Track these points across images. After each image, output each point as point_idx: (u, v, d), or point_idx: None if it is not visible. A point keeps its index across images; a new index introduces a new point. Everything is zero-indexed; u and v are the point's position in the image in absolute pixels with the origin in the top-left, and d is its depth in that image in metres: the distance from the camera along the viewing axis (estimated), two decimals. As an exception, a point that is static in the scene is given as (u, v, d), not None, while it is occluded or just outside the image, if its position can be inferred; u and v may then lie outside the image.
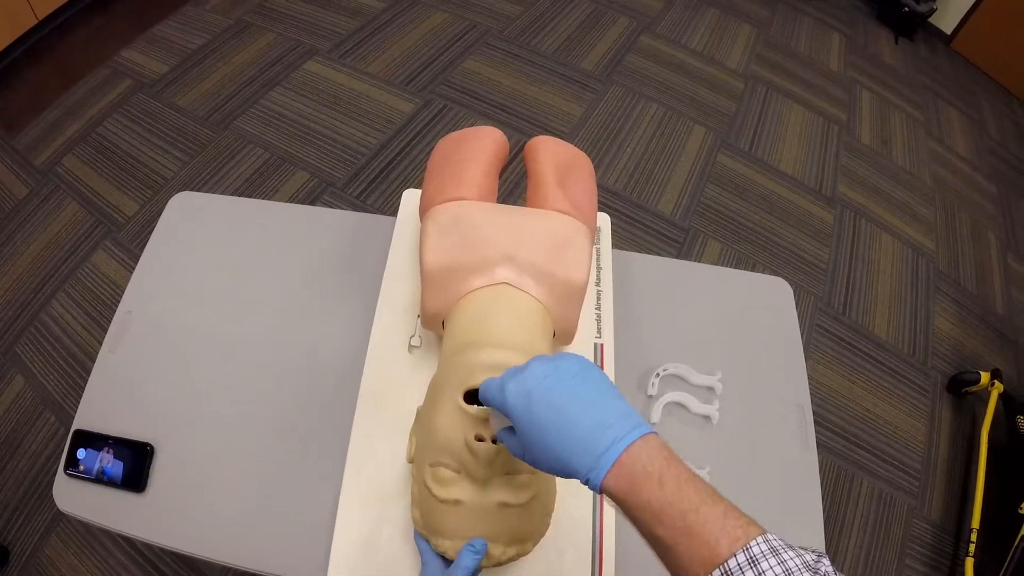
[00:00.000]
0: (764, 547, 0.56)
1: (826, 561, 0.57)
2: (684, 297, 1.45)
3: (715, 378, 1.30)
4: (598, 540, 1.08)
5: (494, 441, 0.81)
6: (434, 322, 1.10)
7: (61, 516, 1.93)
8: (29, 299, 2.36)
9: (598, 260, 1.39)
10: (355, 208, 2.63)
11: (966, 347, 2.85)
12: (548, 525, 0.94)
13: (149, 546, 1.91)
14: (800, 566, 0.55)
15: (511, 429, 0.72)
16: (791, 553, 0.56)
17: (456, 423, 0.84)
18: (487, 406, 0.76)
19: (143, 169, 2.70)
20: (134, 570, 1.92)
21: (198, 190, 2.60)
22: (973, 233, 3.29)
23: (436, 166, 1.20)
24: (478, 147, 1.20)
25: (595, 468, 0.62)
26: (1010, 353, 2.92)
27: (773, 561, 0.55)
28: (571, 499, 1.09)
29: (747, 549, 0.56)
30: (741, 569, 0.55)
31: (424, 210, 1.12)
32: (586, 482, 0.64)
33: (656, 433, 0.65)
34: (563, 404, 0.66)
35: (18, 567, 1.91)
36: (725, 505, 0.60)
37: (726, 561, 0.56)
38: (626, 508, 0.63)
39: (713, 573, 0.56)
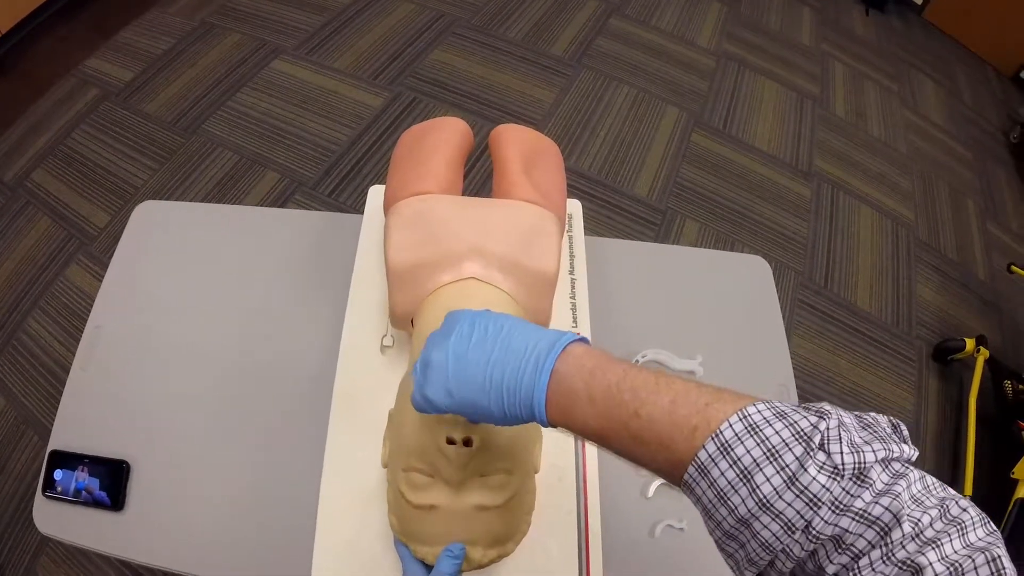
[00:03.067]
0: (739, 427, 0.50)
1: (830, 420, 0.49)
2: (661, 281, 1.44)
3: (696, 362, 1.29)
4: (583, 532, 1.06)
5: (466, 443, 0.79)
6: (403, 321, 1.07)
7: (49, 538, 1.91)
8: (5, 318, 2.33)
9: (571, 248, 1.36)
10: (327, 207, 2.61)
11: (950, 315, 2.85)
12: (529, 524, 0.92)
13: (141, 565, 1.89)
14: (792, 437, 0.49)
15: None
16: (777, 426, 0.49)
17: (426, 426, 0.82)
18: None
19: (113, 179, 2.66)
20: (125, 587, 1.91)
21: (168, 197, 2.57)
22: (952, 201, 3.30)
23: (399, 160, 1.17)
24: (441, 139, 1.18)
25: (532, 407, 0.60)
26: (994, 318, 2.93)
27: (751, 443, 0.49)
28: (553, 492, 1.07)
29: (716, 435, 0.50)
30: (714, 460, 0.50)
31: (388, 206, 1.09)
32: (538, 420, 0.62)
33: (583, 340, 0.63)
34: (487, 356, 0.63)
35: None
36: (672, 394, 0.55)
37: (696, 455, 0.51)
38: (574, 432, 0.61)
39: (689, 470, 0.52)
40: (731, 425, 0.50)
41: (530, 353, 0.61)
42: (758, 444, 0.49)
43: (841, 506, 0.46)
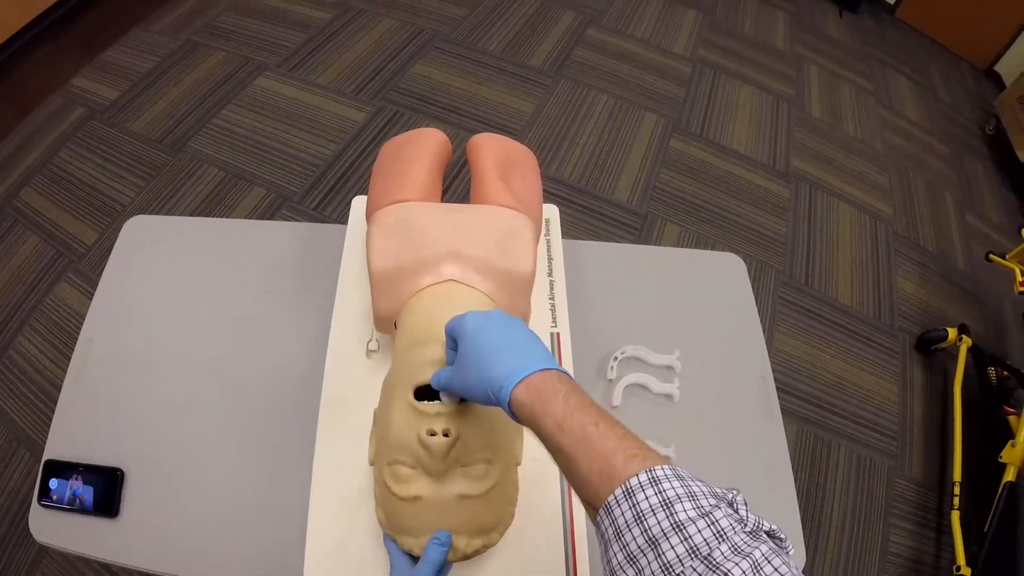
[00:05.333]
0: (669, 472, 0.57)
1: (738, 494, 0.58)
2: (638, 280, 1.46)
3: (674, 356, 1.31)
4: (568, 523, 1.08)
5: (446, 435, 0.81)
6: (386, 324, 1.10)
7: (45, 551, 1.91)
8: (-5, 338, 2.34)
9: (548, 251, 1.39)
10: (313, 220, 2.62)
11: (931, 305, 2.89)
12: (512, 515, 0.94)
13: (133, 572, 1.89)
14: (706, 492, 0.56)
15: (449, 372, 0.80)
16: (699, 483, 0.57)
17: (408, 420, 0.84)
18: (449, 335, 0.82)
19: (100, 197, 2.67)
20: (122, 597, 1.91)
21: (155, 214, 2.57)
22: (929, 194, 3.34)
23: (380, 170, 1.20)
24: (420, 149, 1.21)
25: (510, 378, 0.69)
26: (975, 307, 2.97)
27: (676, 484, 0.56)
28: (538, 484, 1.09)
29: (651, 471, 0.57)
30: (642, 487, 0.56)
31: (370, 213, 1.12)
32: (498, 392, 0.70)
33: (564, 372, 0.71)
34: (498, 344, 0.74)
35: None
36: (625, 431, 0.63)
37: (628, 480, 0.57)
38: (532, 419, 0.67)
39: (616, 492, 0.57)
40: (663, 468, 0.57)
41: (535, 351, 0.73)
42: (682, 486, 0.55)
43: (740, 551, 0.51)
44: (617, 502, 0.57)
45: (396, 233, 1.06)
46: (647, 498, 0.55)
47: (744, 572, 0.49)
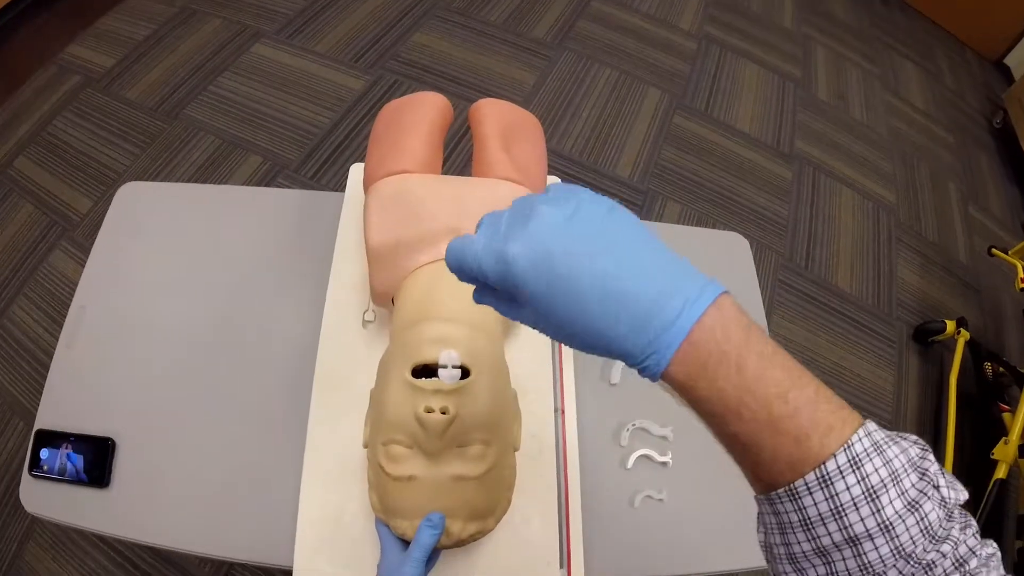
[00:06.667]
0: (867, 443, 0.46)
1: (930, 456, 0.48)
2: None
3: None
4: (563, 503, 1.07)
5: (444, 413, 0.79)
6: (384, 300, 1.08)
7: (37, 522, 1.90)
8: (-11, 306, 2.31)
9: (549, 223, 1.35)
10: (310, 189, 2.57)
11: (931, 297, 2.87)
12: (509, 501, 0.92)
13: (126, 545, 1.89)
14: (906, 465, 0.46)
15: (496, 294, 0.56)
16: (895, 449, 0.46)
17: (405, 397, 0.82)
18: (465, 280, 0.56)
19: (95, 165, 2.63)
20: (114, 570, 1.90)
21: (151, 181, 2.53)
22: (933, 184, 3.31)
23: (378, 136, 1.16)
24: (419, 115, 1.17)
25: (656, 350, 0.47)
26: (974, 301, 2.95)
27: (878, 462, 0.45)
28: (534, 463, 1.07)
29: (848, 447, 0.45)
30: (842, 473, 0.45)
31: (367, 184, 1.09)
32: (641, 369, 0.49)
33: (728, 292, 0.50)
34: (605, 263, 0.48)
35: None
36: (816, 386, 0.48)
37: (824, 464, 0.45)
38: (693, 398, 0.49)
39: (807, 477, 0.46)
40: (860, 439, 0.46)
41: (674, 282, 0.48)
42: (883, 463, 0.46)
43: (938, 536, 0.46)
44: (809, 490, 0.46)
45: (394, 207, 1.03)
46: (848, 488, 0.45)
47: (944, 555, 0.45)
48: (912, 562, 0.45)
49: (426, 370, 0.84)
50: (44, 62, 2.95)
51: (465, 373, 0.84)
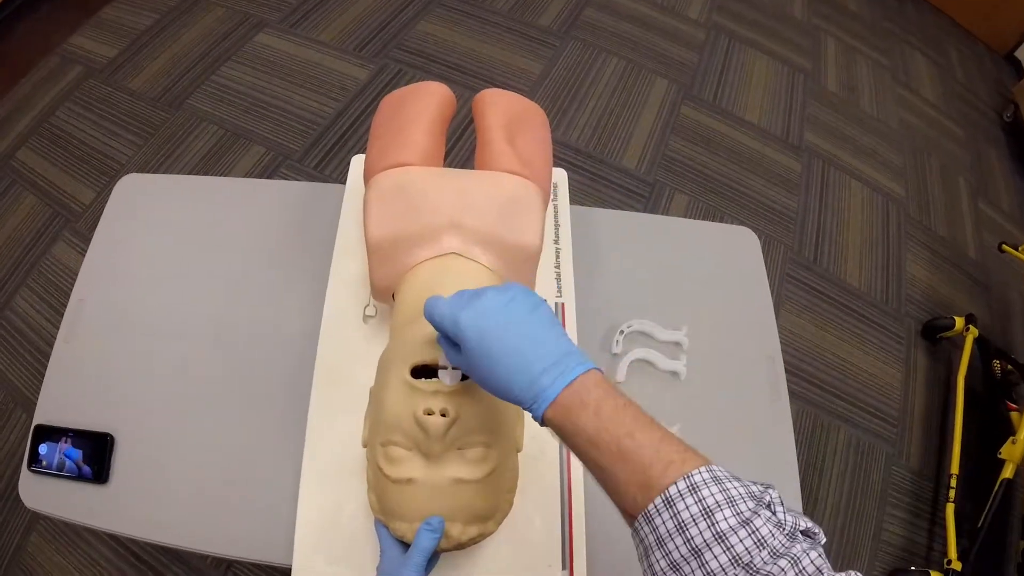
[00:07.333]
0: (707, 476, 0.57)
1: (773, 492, 0.58)
2: (648, 251, 1.42)
3: (681, 332, 1.27)
4: (566, 506, 1.06)
5: (444, 415, 0.78)
6: (384, 295, 1.06)
7: (39, 514, 1.91)
8: (-8, 297, 2.31)
9: (556, 217, 1.34)
10: (313, 180, 2.58)
11: (939, 293, 2.84)
12: (511, 503, 0.90)
13: (127, 538, 1.89)
14: (743, 494, 0.56)
15: (449, 340, 0.75)
16: (735, 483, 0.57)
17: (405, 398, 0.81)
18: (433, 327, 0.76)
19: (98, 156, 2.62)
20: (117, 562, 1.90)
21: (154, 172, 2.51)
22: (943, 178, 3.28)
23: (378, 128, 1.14)
24: (421, 106, 1.14)
25: (537, 401, 0.65)
26: (984, 298, 2.92)
27: (715, 489, 0.56)
28: (536, 463, 1.06)
29: (688, 477, 0.57)
30: (681, 496, 0.56)
31: (367, 177, 1.06)
32: (528, 410, 0.67)
33: (599, 370, 0.68)
34: (515, 343, 0.68)
35: (1, 568, 1.89)
36: (662, 433, 0.63)
37: (667, 489, 0.57)
38: (564, 435, 0.66)
39: (655, 501, 0.57)
40: (700, 472, 0.57)
41: (556, 360, 0.67)
42: (720, 491, 0.56)
43: (778, 552, 0.54)
44: (657, 511, 0.57)
45: (394, 200, 1.00)
46: (687, 507, 0.56)
47: (783, 570, 0.52)
48: (751, 571, 0.53)
49: (426, 369, 0.82)
50: (46, 52, 2.94)
51: (465, 374, 0.81)
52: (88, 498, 1.08)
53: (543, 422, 0.67)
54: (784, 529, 0.55)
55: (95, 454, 1.08)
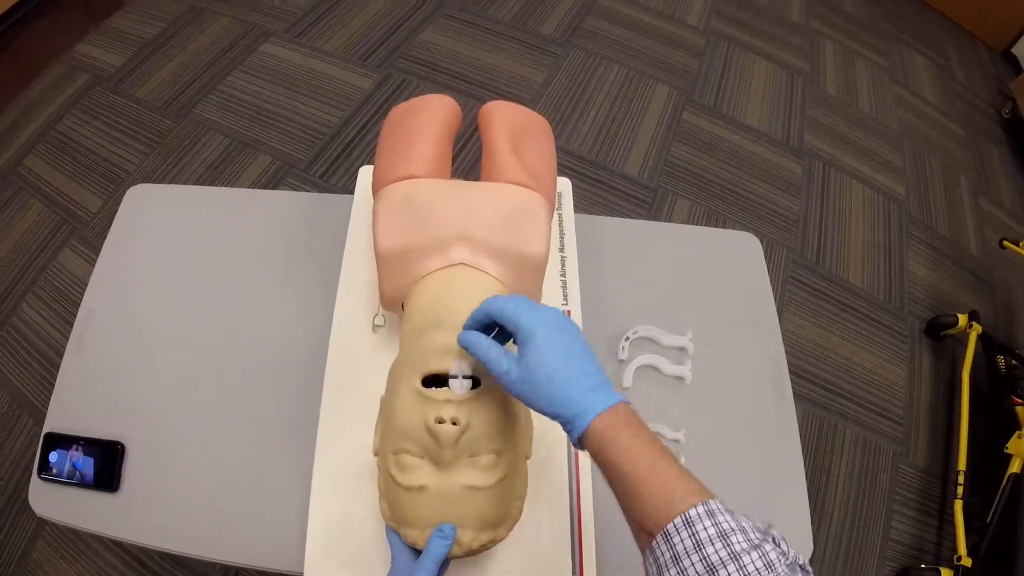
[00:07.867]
0: (720, 506, 0.61)
1: (775, 530, 0.63)
2: (652, 258, 1.43)
3: (686, 338, 1.28)
4: (575, 511, 1.06)
5: (454, 423, 0.79)
6: (393, 305, 1.08)
7: (46, 521, 1.92)
8: (-1, 304, 2.33)
9: (560, 226, 1.36)
10: (319, 189, 2.60)
11: (942, 290, 2.85)
12: (520, 510, 0.91)
13: (137, 546, 1.90)
14: (751, 527, 0.61)
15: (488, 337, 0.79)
16: (743, 517, 0.62)
17: (416, 407, 0.82)
18: (492, 317, 0.79)
19: (105, 164, 2.65)
20: (123, 569, 1.91)
21: (160, 181, 2.55)
22: (944, 177, 3.28)
23: (386, 140, 1.15)
24: (428, 119, 1.16)
25: (587, 413, 0.69)
26: (986, 294, 2.93)
27: (728, 517, 0.61)
28: (545, 466, 1.07)
29: (706, 503, 0.61)
30: (700, 519, 0.60)
31: (376, 189, 1.08)
32: (571, 421, 0.70)
33: (628, 402, 0.72)
34: (581, 349, 0.74)
35: (7, 575, 1.89)
36: (679, 468, 0.67)
37: (687, 511, 0.61)
38: (600, 447, 0.69)
39: (675, 520, 0.61)
40: (715, 502, 0.62)
41: (603, 377, 0.74)
42: (733, 520, 0.61)
43: None
44: (676, 530, 0.61)
45: (403, 212, 1.02)
46: (705, 528, 0.59)
47: None
48: None
49: (436, 379, 0.84)
50: (53, 60, 2.97)
51: (476, 383, 0.83)
52: (98, 506, 1.08)
53: (584, 430, 0.69)
54: (787, 559, 0.60)
55: (106, 462, 1.09)
